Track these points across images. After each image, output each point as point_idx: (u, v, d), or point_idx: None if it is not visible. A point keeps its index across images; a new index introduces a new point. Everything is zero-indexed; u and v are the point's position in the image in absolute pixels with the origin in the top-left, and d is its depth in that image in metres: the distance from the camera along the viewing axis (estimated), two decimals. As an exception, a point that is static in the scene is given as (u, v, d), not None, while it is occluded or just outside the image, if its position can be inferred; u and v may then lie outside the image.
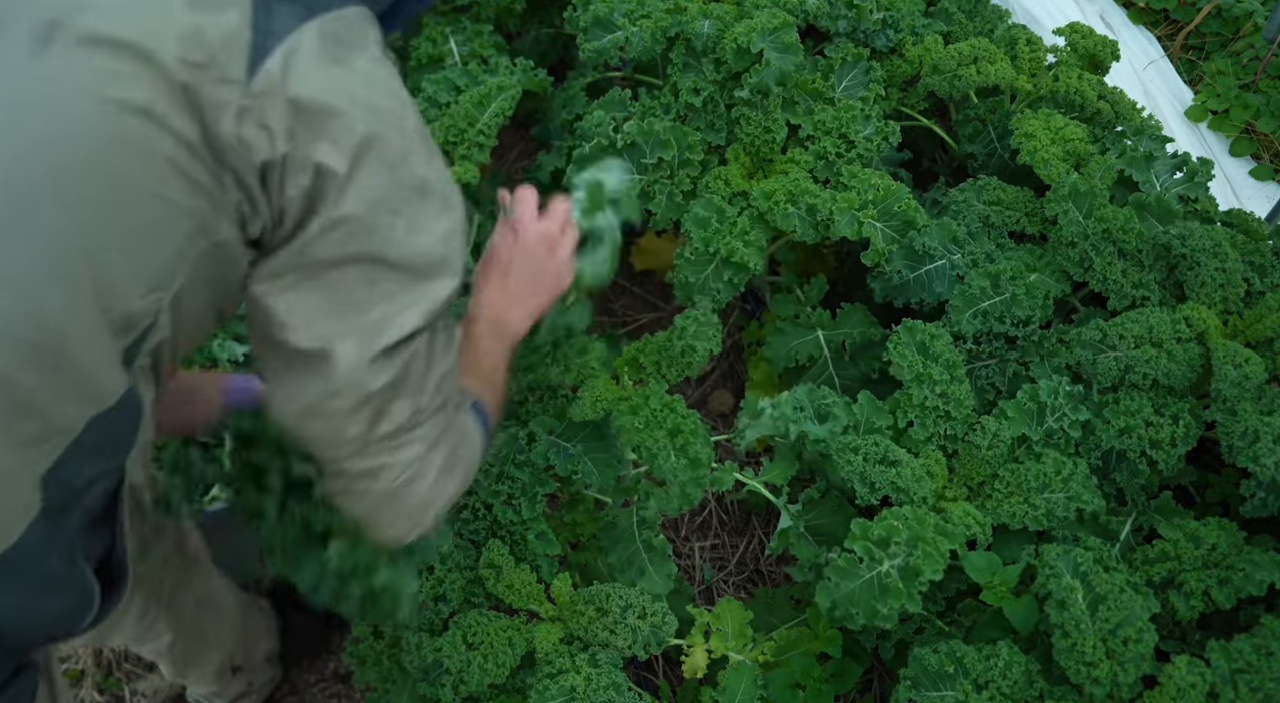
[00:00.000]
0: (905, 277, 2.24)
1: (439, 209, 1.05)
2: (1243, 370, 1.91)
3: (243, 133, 0.92)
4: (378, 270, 1.01)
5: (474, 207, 2.60)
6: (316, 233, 0.98)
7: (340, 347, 1.01)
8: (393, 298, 1.02)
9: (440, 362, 1.10)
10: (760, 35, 2.21)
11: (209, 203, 0.94)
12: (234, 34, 0.91)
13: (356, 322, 1.01)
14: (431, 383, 1.10)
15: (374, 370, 1.03)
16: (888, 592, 1.73)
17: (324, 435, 1.07)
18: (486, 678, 1.68)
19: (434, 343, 1.09)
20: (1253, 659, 1.64)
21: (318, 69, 0.95)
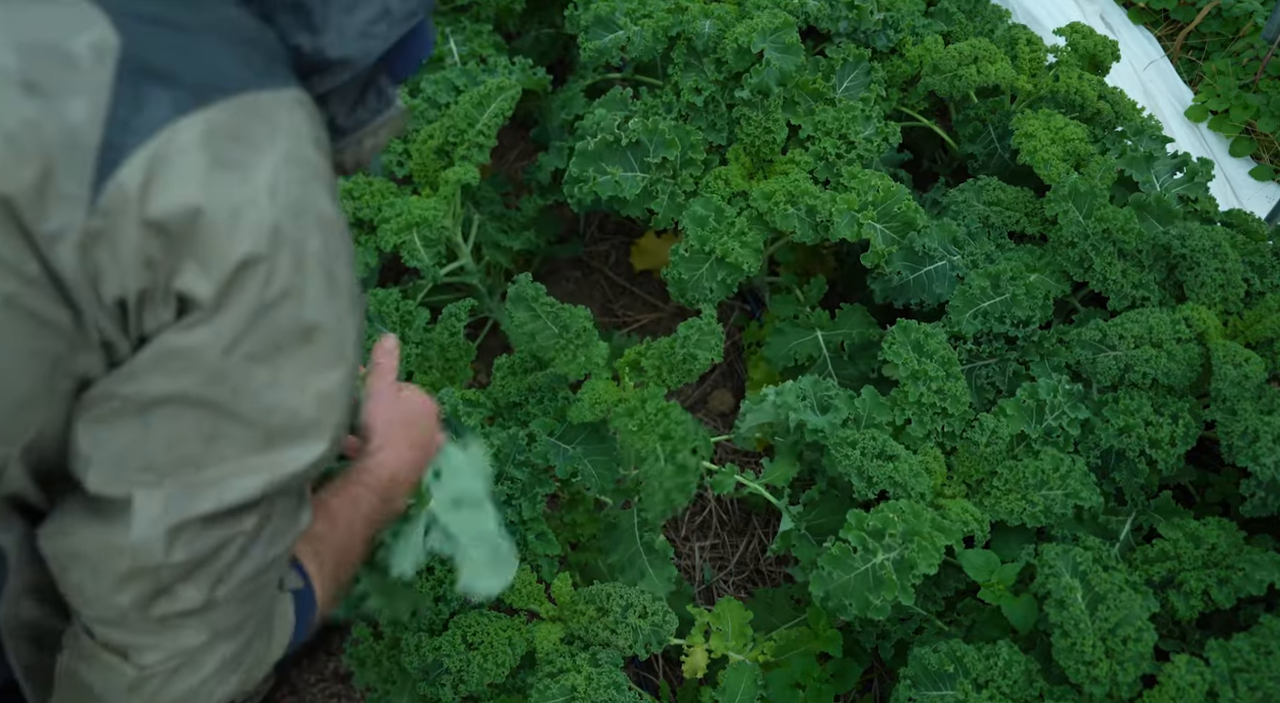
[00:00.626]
0: (905, 277, 2.24)
1: (322, 362, 0.83)
2: (1243, 370, 1.91)
3: (90, 263, 0.74)
4: (220, 423, 0.80)
5: (474, 207, 2.60)
6: (149, 359, 0.78)
7: (142, 499, 0.80)
8: (232, 459, 0.81)
9: (265, 549, 0.87)
10: (761, 35, 2.21)
11: (63, 341, 0.76)
12: (79, 132, 0.72)
13: (176, 476, 0.80)
14: (242, 573, 0.86)
15: (174, 541, 0.81)
16: (881, 584, 1.73)
17: (85, 589, 0.84)
18: (486, 678, 1.69)
19: (265, 525, 0.86)
20: (1252, 659, 1.64)
21: (193, 177, 0.74)
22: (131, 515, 0.80)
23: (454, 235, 2.41)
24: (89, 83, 0.73)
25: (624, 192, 2.23)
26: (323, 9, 0.87)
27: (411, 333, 2.14)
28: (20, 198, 0.72)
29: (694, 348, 1.87)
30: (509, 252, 2.61)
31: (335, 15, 0.87)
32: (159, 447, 0.80)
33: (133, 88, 0.74)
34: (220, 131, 0.76)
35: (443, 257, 2.41)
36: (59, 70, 0.73)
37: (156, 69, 0.76)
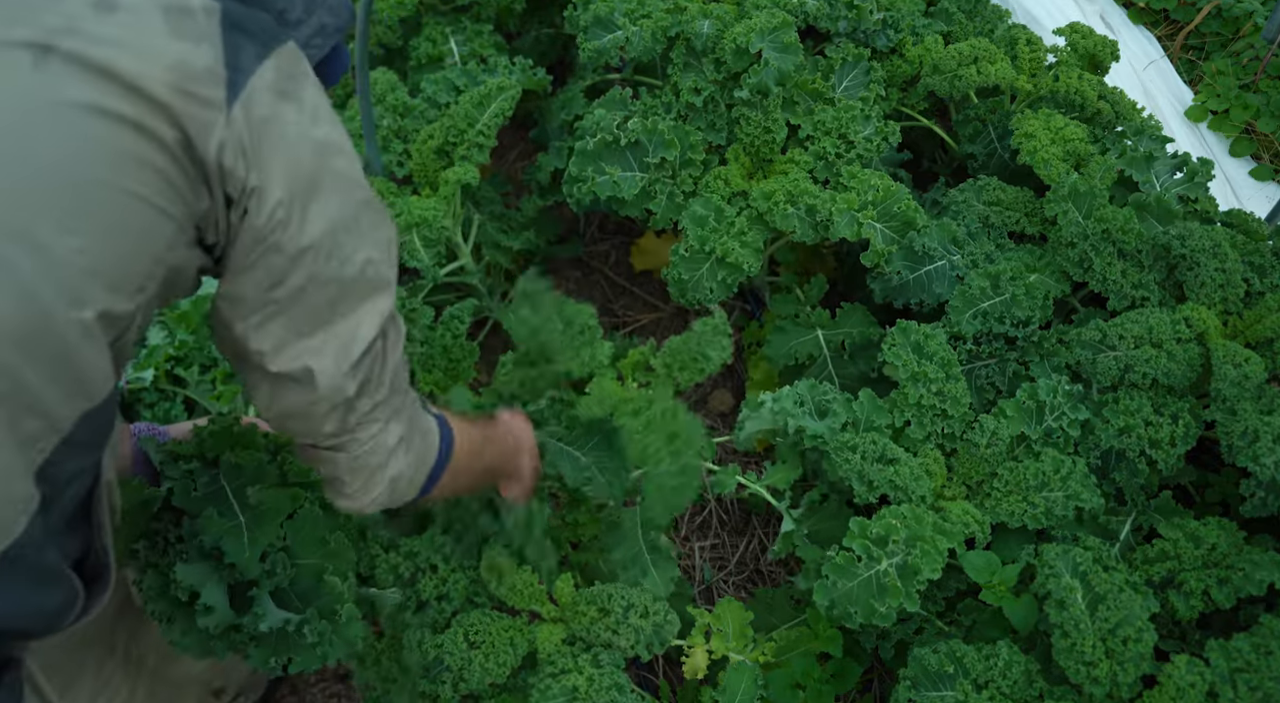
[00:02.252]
0: (905, 277, 2.25)
1: (379, 220, 1.16)
2: (1243, 370, 1.91)
3: (223, 159, 1.00)
4: (335, 290, 1.12)
5: (474, 207, 2.60)
6: (283, 264, 1.07)
7: (318, 364, 1.13)
8: (352, 312, 1.14)
9: (392, 356, 1.23)
10: (759, 35, 2.21)
11: (186, 210, 1.01)
12: (212, 67, 0.98)
13: (328, 339, 1.13)
14: (389, 376, 1.23)
15: (348, 380, 1.16)
16: (886, 591, 1.73)
17: (302, 429, 1.22)
18: (487, 677, 1.69)
19: (386, 342, 1.21)
20: (1252, 659, 1.64)
21: (275, 106, 1.02)
22: (315, 377, 1.13)
23: (454, 235, 2.41)
24: (209, 33, 0.99)
25: (623, 192, 2.23)
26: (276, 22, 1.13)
27: (415, 332, 2.14)
28: (180, 106, 0.96)
29: (706, 347, 1.88)
30: (509, 252, 2.61)
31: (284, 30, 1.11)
32: (308, 324, 1.12)
33: (232, 39, 1.00)
34: (282, 72, 1.04)
35: (443, 257, 2.41)
36: (189, 23, 0.98)
37: (240, 24, 1.01)
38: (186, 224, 1.02)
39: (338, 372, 1.15)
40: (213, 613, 1.39)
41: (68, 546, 1.14)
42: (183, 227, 1.01)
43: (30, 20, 0.92)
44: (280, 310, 1.10)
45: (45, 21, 0.92)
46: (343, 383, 1.15)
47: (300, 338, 1.12)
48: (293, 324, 1.11)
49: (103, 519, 1.19)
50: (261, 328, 1.11)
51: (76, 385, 0.98)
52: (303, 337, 1.12)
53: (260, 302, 1.09)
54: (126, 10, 0.96)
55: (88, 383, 0.99)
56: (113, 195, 0.94)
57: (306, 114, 1.06)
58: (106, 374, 1.01)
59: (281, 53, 1.05)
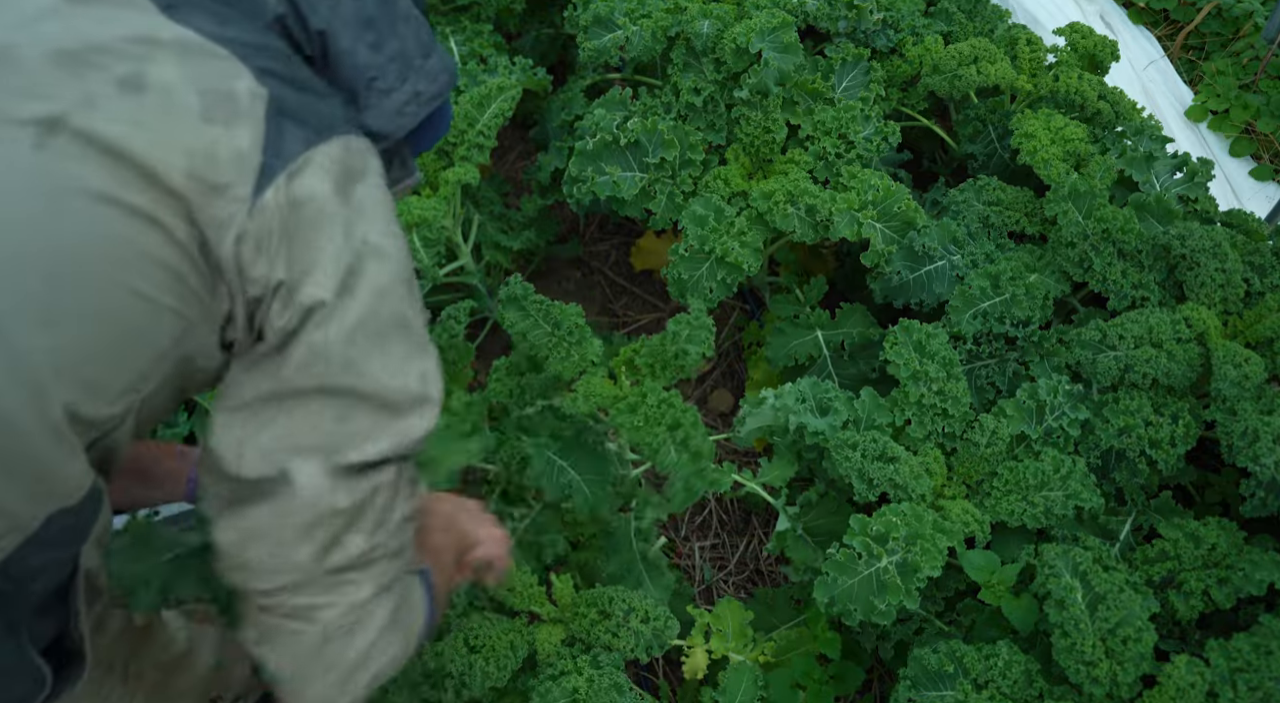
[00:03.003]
0: (905, 277, 2.24)
1: (418, 347, 1.04)
2: (1243, 370, 1.91)
3: (241, 254, 0.93)
4: (349, 403, 0.99)
5: (474, 207, 2.60)
6: (294, 363, 0.96)
7: (298, 464, 0.98)
8: (363, 430, 1.00)
9: (403, 503, 1.06)
10: (759, 35, 2.21)
11: (199, 310, 0.95)
12: (245, 155, 0.92)
13: (320, 449, 0.98)
14: (394, 521, 1.04)
15: (337, 489, 0.99)
16: (886, 588, 1.73)
17: (267, 562, 1.00)
18: (488, 681, 1.69)
19: (400, 480, 1.04)
20: (1252, 659, 1.64)
21: (318, 197, 0.95)
22: (293, 481, 0.97)
23: (454, 235, 2.41)
24: (249, 116, 0.93)
25: (622, 192, 2.23)
26: (365, 93, 1.08)
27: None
28: (197, 198, 0.90)
29: (685, 343, 1.86)
30: (509, 252, 2.61)
31: (375, 98, 1.08)
32: (302, 430, 0.97)
33: (277, 125, 0.95)
34: (335, 161, 0.97)
35: (442, 257, 2.41)
36: (228, 107, 0.93)
37: (290, 111, 0.96)
38: (201, 322, 0.95)
39: (322, 475, 0.98)
40: None
41: (39, 629, 1.04)
42: (193, 325, 0.95)
43: (47, 95, 0.87)
44: (277, 407, 0.98)
45: (62, 95, 0.87)
46: (326, 492, 0.98)
47: (288, 443, 0.98)
48: (287, 428, 0.98)
49: (79, 607, 1.08)
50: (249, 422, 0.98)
51: (41, 485, 0.91)
52: (292, 443, 0.98)
53: (259, 393, 0.98)
54: (157, 91, 0.90)
55: (56, 483, 0.92)
56: (107, 290, 0.88)
57: (353, 209, 0.98)
58: (80, 476, 0.94)
59: (340, 143, 0.98)
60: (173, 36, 0.93)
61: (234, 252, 0.92)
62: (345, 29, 1.04)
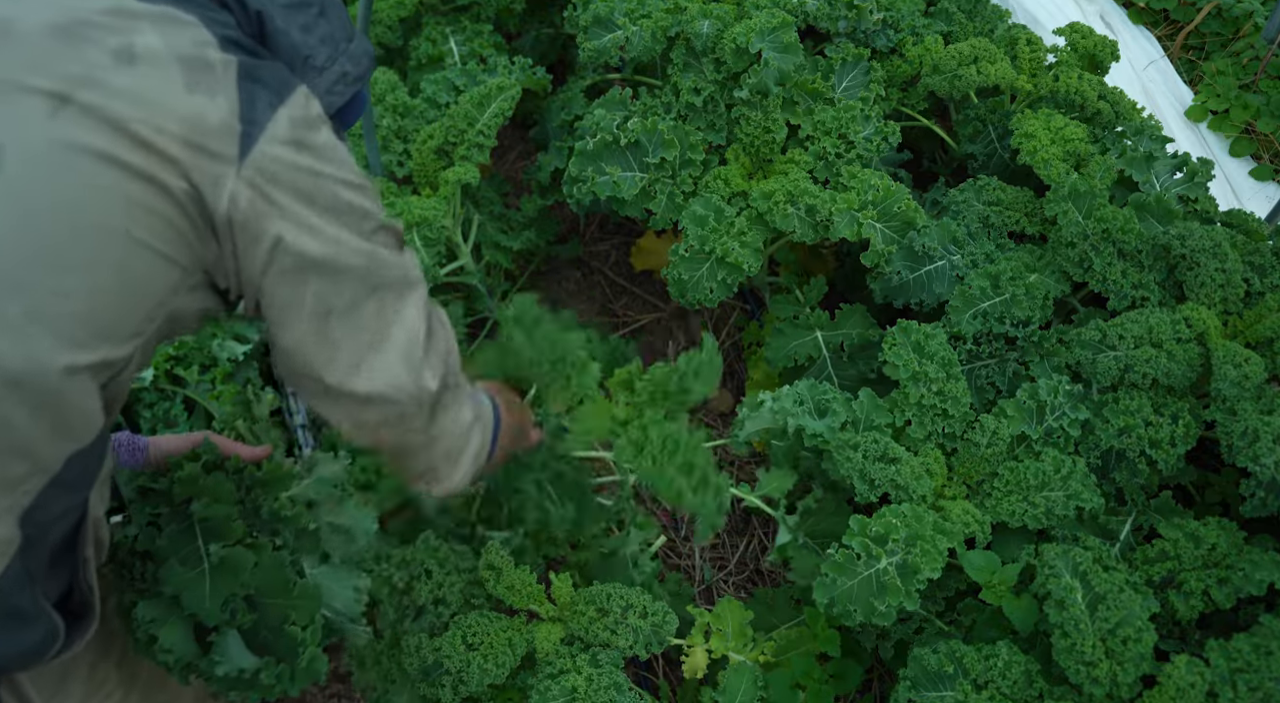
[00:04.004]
0: (905, 277, 2.24)
1: (392, 235, 1.19)
2: (1243, 370, 1.91)
3: (233, 211, 1.02)
4: (374, 300, 1.16)
5: (474, 207, 2.60)
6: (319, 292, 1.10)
7: (394, 377, 1.19)
8: (398, 314, 1.18)
9: (447, 341, 1.29)
10: (759, 35, 2.21)
11: (193, 256, 1.03)
12: (227, 121, 1.00)
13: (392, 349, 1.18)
14: (452, 360, 1.29)
15: (427, 378, 1.22)
16: (885, 589, 1.73)
17: (398, 435, 1.26)
18: (486, 679, 1.68)
19: (437, 331, 1.27)
20: (1252, 659, 1.64)
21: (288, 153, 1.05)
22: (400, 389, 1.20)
23: (454, 235, 2.41)
24: (224, 85, 1.01)
25: (622, 192, 2.23)
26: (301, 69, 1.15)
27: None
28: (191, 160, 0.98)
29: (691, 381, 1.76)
30: (509, 252, 2.61)
31: (311, 75, 1.15)
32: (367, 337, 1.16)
33: (248, 90, 1.02)
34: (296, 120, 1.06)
35: (443, 256, 2.41)
36: (206, 77, 1.00)
37: (256, 75, 1.04)
38: (193, 269, 1.04)
39: (414, 375, 1.20)
40: (171, 653, 1.37)
41: (50, 583, 1.13)
42: (188, 271, 1.03)
43: (51, 69, 0.94)
44: (338, 336, 1.14)
45: (66, 70, 0.94)
46: (423, 383, 1.22)
47: (370, 352, 1.17)
48: (356, 344, 1.15)
49: (88, 554, 1.18)
50: (333, 359, 1.15)
51: (65, 428, 0.99)
52: (372, 350, 1.17)
53: (317, 336, 1.13)
54: (146, 63, 0.97)
55: (77, 425, 1.00)
56: (116, 240, 0.96)
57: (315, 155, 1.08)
58: (96, 416, 1.01)
59: (294, 100, 1.07)
60: (144, 8, 0.99)
61: (227, 209, 1.01)
62: (279, 11, 1.13)
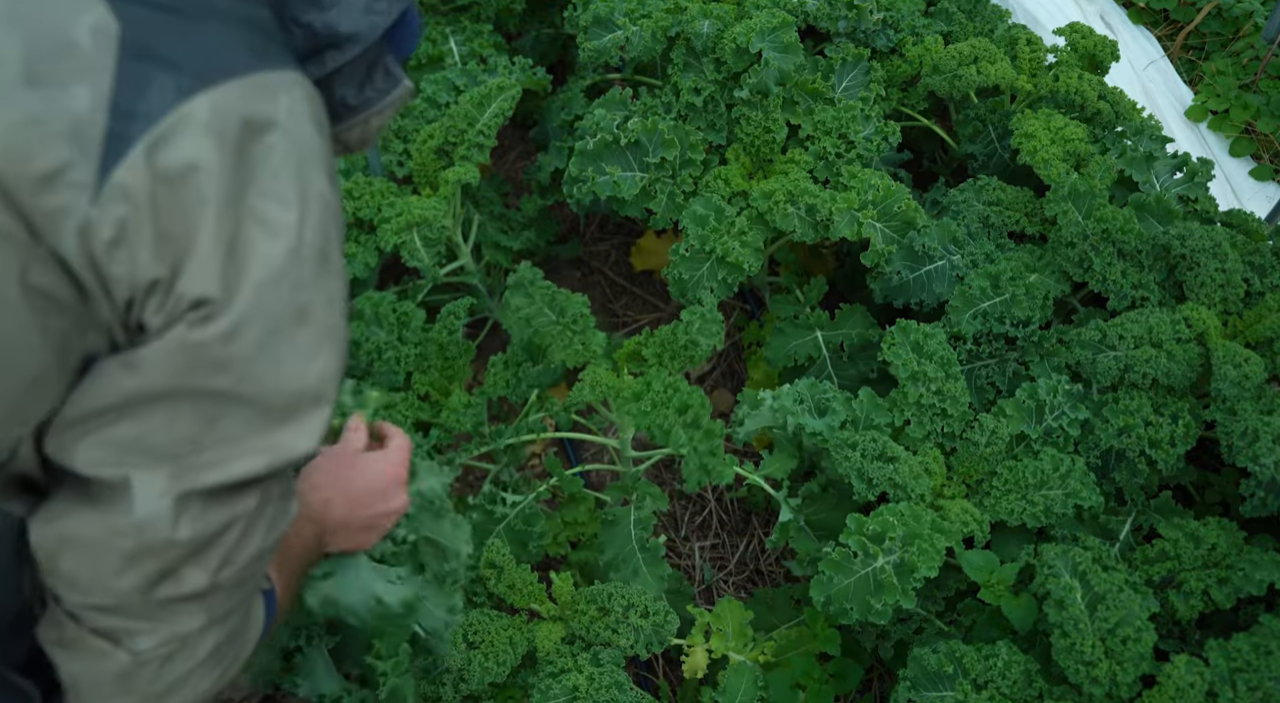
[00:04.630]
0: (905, 277, 2.24)
1: (314, 341, 0.83)
2: (1243, 370, 1.91)
3: (91, 250, 0.73)
4: (221, 406, 0.79)
5: (474, 207, 2.60)
6: (158, 356, 0.77)
7: (142, 477, 0.78)
8: (232, 440, 0.80)
9: (265, 534, 0.87)
10: (759, 35, 2.21)
11: (70, 319, 0.76)
12: (83, 123, 0.71)
13: (177, 458, 0.79)
14: (245, 557, 0.85)
15: (180, 518, 0.79)
16: (882, 588, 1.73)
17: (80, 576, 0.81)
18: (487, 677, 1.69)
19: (265, 507, 0.85)
20: (1251, 659, 1.64)
21: (199, 165, 0.74)
22: (132, 494, 0.78)
23: (454, 235, 2.41)
24: (90, 68, 0.72)
25: (622, 191, 2.23)
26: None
27: (409, 333, 2.14)
28: (21, 187, 0.71)
29: (696, 334, 1.87)
30: (509, 252, 2.61)
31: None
32: (157, 432, 0.78)
33: (134, 72, 0.73)
34: (224, 113, 0.75)
35: (443, 257, 2.41)
36: (61, 58, 0.72)
37: (157, 52, 0.74)
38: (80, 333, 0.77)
39: (166, 497, 0.78)
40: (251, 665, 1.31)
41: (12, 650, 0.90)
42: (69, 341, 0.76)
43: None
44: (124, 420, 0.78)
45: None
46: (166, 520, 0.78)
47: (140, 448, 0.78)
48: (141, 431, 0.78)
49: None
50: (89, 435, 0.78)
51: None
52: (144, 449, 0.78)
53: (108, 404, 0.78)
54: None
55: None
56: None
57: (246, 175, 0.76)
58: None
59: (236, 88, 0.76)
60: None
61: (79, 247, 0.72)
62: None
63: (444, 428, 2.07)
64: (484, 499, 1.99)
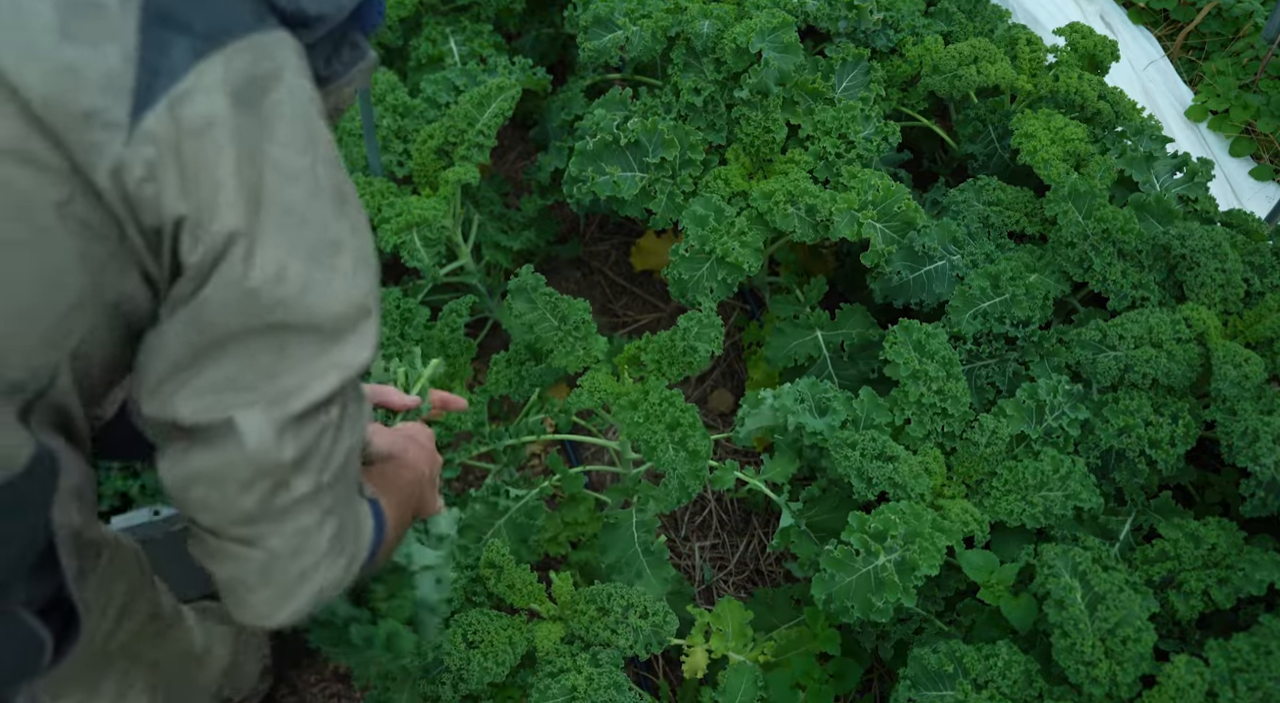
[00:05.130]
0: (905, 277, 2.24)
1: (352, 266, 0.94)
2: (1243, 370, 1.91)
3: (125, 186, 0.82)
4: (286, 336, 0.90)
5: (474, 207, 2.60)
6: (217, 306, 0.87)
7: (244, 416, 0.89)
8: (303, 363, 0.91)
9: (349, 434, 0.99)
10: (759, 35, 2.21)
11: (108, 247, 0.85)
12: (115, 71, 0.80)
13: (263, 389, 0.90)
14: (339, 457, 0.98)
15: (283, 442, 0.91)
16: (883, 586, 1.73)
17: (210, 502, 0.94)
18: (487, 677, 1.69)
19: (345, 412, 0.98)
20: (1251, 659, 1.64)
21: (215, 119, 0.83)
22: (240, 432, 0.89)
23: (454, 235, 2.41)
24: (119, 29, 0.80)
25: (622, 192, 2.23)
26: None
27: (411, 331, 2.14)
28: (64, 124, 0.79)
29: (694, 341, 1.88)
30: (509, 252, 2.61)
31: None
32: (241, 373, 0.89)
33: (156, 34, 0.82)
34: (236, 72, 0.84)
35: (443, 256, 2.41)
36: (91, 17, 0.80)
37: (174, 16, 0.83)
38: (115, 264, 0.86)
39: (267, 428, 0.90)
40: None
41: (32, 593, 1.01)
42: (105, 270, 0.86)
43: None
44: (209, 355, 0.88)
45: None
46: (272, 447, 0.91)
47: (229, 388, 0.89)
48: (224, 372, 0.89)
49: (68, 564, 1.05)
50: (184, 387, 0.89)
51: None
52: (233, 387, 0.90)
53: (185, 357, 0.88)
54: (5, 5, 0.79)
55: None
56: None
57: (259, 123, 0.86)
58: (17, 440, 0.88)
59: (244, 48, 0.85)
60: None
61: (112, 182, 0.81)
62: None
63: (445, 426, 2.07)
64: (487, 492, 1.99)
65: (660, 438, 1.77)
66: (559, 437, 2.13)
